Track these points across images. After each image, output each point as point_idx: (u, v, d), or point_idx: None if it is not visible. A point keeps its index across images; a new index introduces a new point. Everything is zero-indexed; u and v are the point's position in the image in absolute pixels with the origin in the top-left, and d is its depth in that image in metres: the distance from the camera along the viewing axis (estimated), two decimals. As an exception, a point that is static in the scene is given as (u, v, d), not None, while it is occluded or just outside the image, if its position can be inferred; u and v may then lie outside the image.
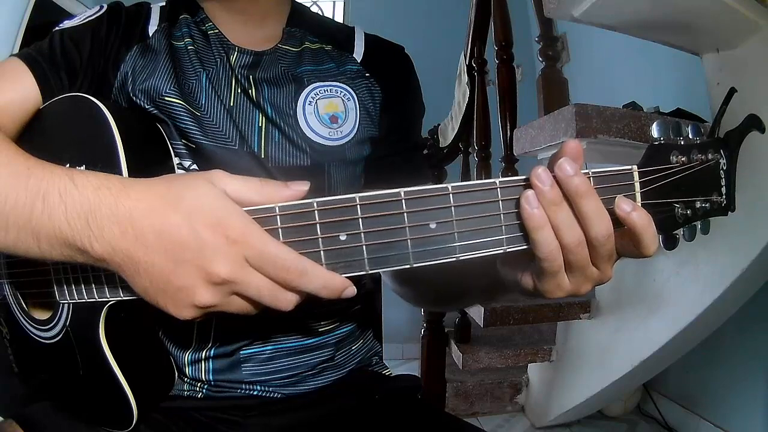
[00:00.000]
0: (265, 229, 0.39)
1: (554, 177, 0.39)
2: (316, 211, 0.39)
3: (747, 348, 1.60)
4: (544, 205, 0.39)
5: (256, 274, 0.39)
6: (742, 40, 1.11)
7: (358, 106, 0.65)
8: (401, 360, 2.71)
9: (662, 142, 0.42)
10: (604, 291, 1.54)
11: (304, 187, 0.41)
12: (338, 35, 0.71)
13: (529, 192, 0.39)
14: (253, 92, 0.62)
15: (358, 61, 0.69)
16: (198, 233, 0.38)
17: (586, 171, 0.40)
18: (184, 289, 0.39)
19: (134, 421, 0.52)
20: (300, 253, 0.39)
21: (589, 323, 1.58)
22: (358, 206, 0.39)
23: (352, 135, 0.64)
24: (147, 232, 0.38)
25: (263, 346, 0.61)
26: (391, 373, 0.72)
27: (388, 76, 0.69)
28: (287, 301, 0.40)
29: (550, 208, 0.39)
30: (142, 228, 0.38)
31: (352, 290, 0.40)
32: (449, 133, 2.12)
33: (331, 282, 0.39)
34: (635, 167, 0.42)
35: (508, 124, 1.64)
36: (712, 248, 1.18)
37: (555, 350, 1.72)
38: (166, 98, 0.59)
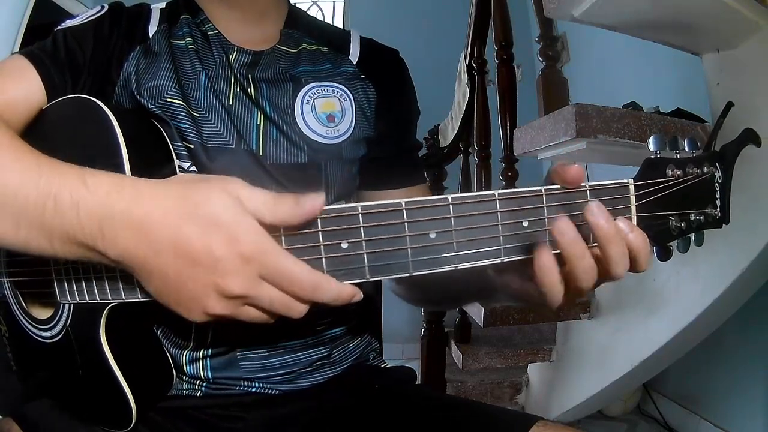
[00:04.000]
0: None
1: (580, 223, 0.41)
2: (318, 219, 0.40)
3: (747, 348, 1.60)
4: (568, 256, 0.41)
5: (270, 288, 0.39)
6: (742, 40, 1.10)
7: (354, 106, 0.66)
8: (401, 360, 2.71)
9: (659, 155, 0.43)
10: (604, 291, 1.54)
11: (318, 201, 0.39)
12: (334, 38, 0.72)
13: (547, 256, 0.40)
14: (252, 91, 0.62)
15: (354, 63, 0.70)
16: (211, 248, 0.37)
17: (583, 184, 0.41)
18: (196, 298, 0.39)
19: (133, 421, 0.52)
20: (302, 260, 0.39)
21: (589, 323, 1.58)
22: (360, 215, 0.40)
23: (348, 134, 0.65)
24: (161, 241, 0.38)
25: (260, 344, 0.62)
26: (387, 365, 0.73)
27: (383, 79, 0.70)
28: (299, 311, 0.40)
29: (572, 260, 0.41)
30: (156, 237, 0.38)
31: (359, 296, 0.41)
32: (449, 133, 2.12)
33: (342, 293, 0.40)
34: (631, 181, 0.43)
35: (508, 124, 1.64)
36: (712, 248, 1.17)
37: (555, 350, 1.72)
38: (168, 99, 0.60)
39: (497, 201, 0.41)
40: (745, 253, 1.10)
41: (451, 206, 0.40)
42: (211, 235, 0.37)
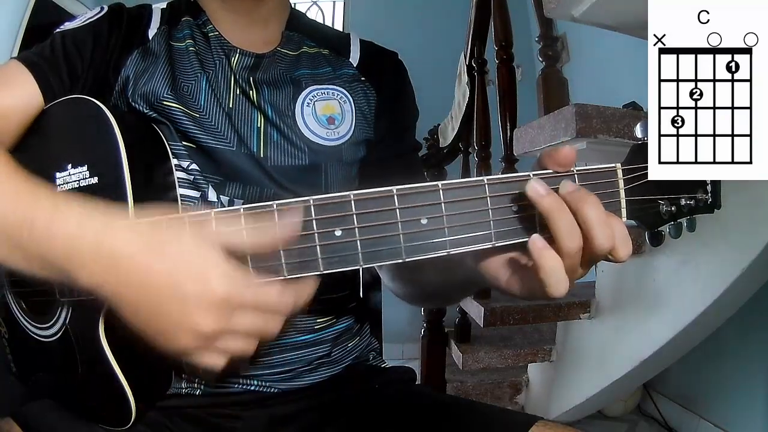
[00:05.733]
0: (263, 225, 0.40)
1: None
2: (312, 207, 0.40)
3: (747, 348, 1.60)
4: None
5: (244, 317, 0.40)
6: (741, 40, 1.10)
7: (354, 108, 0.66)
8: (401, 360, 2.71)
9: (646, 141, 0.43)
10: (604, 291, 1.54)
11: (295, 218, 0.40)
12: (334, 40, 0.72)
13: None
14: (253, 94, 0.63)
15: (354, 66, 0.70)
16: (181, 287, 0.38)
17: (571, 169, 0.42)
18: (168, 333, 0.40)
19: (132, 419, 0.52)
20: (297, 249, 0.40)
21: (589, 323, 1.58)
22: (353, 203, 0.40)
23: (348, 136, 0.65)
24: (130, 279, 0.39)
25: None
26: (387, 365, 0.73)
27: (383, 81, 0.70)
28: (275, 330, 0.42)
29: (550, 216, 0.40)
30: (124, 270, 0.39)
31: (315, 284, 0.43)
32: (449, 133, 2.12)
33: (311, 292, 0.42)
34: (619, 165, 0.43)
35: (508, 124, 1.64)
36: (713, 248, 1.17)
37: (555, 350, 1.72)
38: (164, 102, 0.60)
39: (486, 186, 0.41)
40: (746, 253, 1.10)
41: (441, 192, 0.41)
42: (180, 274, 0.38)
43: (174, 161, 0.59)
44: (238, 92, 0.63)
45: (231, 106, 0.62)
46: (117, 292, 0.40)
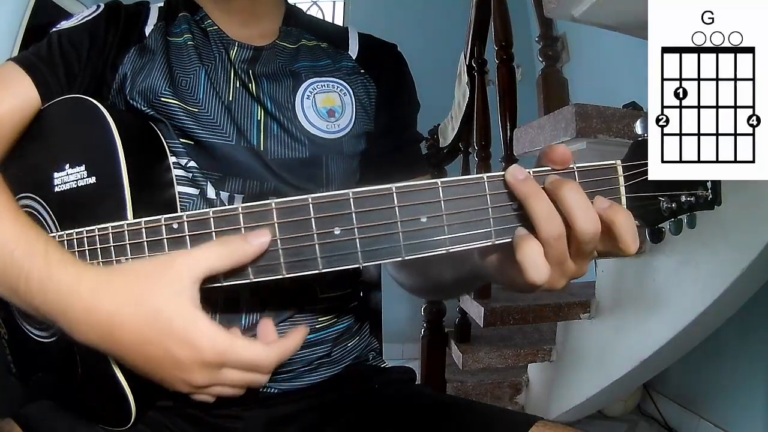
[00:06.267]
0: (262, 225, 0.41)
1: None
2: (311, 206, 0.40)
3: (747, 348, 1.60)
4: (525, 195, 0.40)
5: (233, 372, 0.44)
6: (741, 40, 1.10)
7: (354, 100, 0.66)
8: (401, 360, 2.71)
9: (646, 137, 0.43)
10: (604, 291, 1.54)
11: (264, 238, 0.42)
12: (333, 34, 0.72)
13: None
14: (253, 86, 0.63)
15: (353, 58, 0.70)
16: (172, 353, 0.42)
17: (571, 166, 0.42)
18: (165, 382, 0.44)
19: (132, 419, 0.52)
20: (296, 248, 0.41)
21: (589, 323, 1.58)
22: (352, 201, 0.40)
23: (349, 129, 0.65)
24: (124, 343, 0.43)
25: None
26: (387, 365, 0.73)
27: (382, 73, 0.70)
28: (262, 382, 0.47)
29: (527, 201, 0.40)
30: (118, 339, 0.43)
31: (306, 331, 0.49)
32: (449, 133, 2.12)
33: (297, 346, 0.47)
34: (619, 162, 0.43)
35: (508, 124, 1.63)
36: (712, 248, 1.17)
37: (555, 350, 1.72)
38: (162, 99, 0.59)
39: (486, 184, 0.41)
40: (746, 253, 1.09)
41: (440, 189, 0.41)
42: (171, 341, 0.42)
43: (172, 159, 0.59)
44: (237, 85, 0.63)
45: (231, 99, 0.62)
46: (112, 351, 0.44)
